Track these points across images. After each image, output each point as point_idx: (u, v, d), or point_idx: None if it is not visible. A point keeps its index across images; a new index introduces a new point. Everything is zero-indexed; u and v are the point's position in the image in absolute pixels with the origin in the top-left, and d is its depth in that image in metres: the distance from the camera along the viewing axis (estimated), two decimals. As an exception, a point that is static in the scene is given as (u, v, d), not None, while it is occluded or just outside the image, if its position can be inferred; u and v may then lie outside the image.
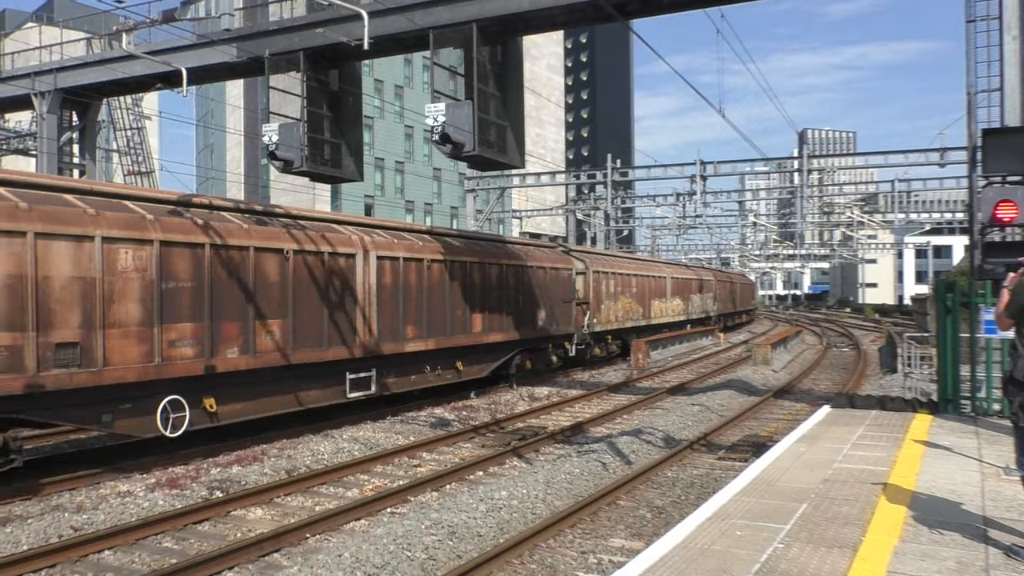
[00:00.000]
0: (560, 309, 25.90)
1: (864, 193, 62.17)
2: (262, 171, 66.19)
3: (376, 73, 58.98)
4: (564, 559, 8.71)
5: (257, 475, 12.17)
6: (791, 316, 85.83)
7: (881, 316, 74.65)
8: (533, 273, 24.23)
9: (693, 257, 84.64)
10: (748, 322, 67.18)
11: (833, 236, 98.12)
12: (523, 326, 23.36)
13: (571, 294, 26.86)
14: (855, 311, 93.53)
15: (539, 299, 24.42)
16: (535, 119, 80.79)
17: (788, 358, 32.54)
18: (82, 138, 23.06)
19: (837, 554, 6.27)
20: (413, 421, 17.32)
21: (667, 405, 19.57)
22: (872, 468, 9.26)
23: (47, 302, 11.25)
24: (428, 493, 11.55)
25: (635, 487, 11.78)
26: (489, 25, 14.95)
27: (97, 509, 10.25)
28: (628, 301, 32.77)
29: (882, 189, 49.28)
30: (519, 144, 15.89)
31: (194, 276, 13.35)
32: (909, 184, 44.98)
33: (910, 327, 43.53)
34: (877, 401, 14.65)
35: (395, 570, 8.00)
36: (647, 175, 41.03)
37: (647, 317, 35.33)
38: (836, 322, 68.68)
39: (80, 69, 21.43)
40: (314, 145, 16.27)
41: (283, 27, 17.04)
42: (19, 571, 8.16)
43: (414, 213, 63.74)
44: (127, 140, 43.24)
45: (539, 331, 24.35)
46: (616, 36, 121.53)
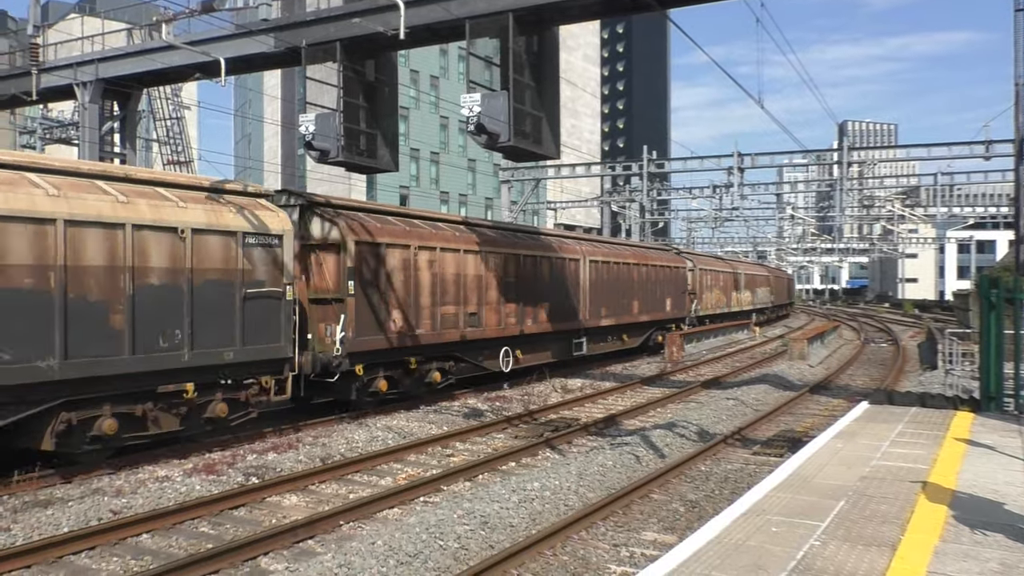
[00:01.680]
0: (677, 298, 34.24)
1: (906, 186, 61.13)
2: (299, 161, 66.77)
3: (412, 63, 59.13)
4: (596, 551, 8.67)
5: (292, 462, 12.29)
6: (828, 311, 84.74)
7: (921, 312, 73.46)
8: (662, 270, 32.60)
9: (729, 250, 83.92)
10: (784, 316, 66.48)
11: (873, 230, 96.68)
12: (658, 310, 31.91)
13: (685, 286, 35.31)
14: (894, 306, 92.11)
15: (667, 290, 32.90)
16: (570, 110, 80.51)
17: (825, 353, 32.13)
18: (123, 127, 23.36)
19: (875, 553, 6.17)
20: (446, 411, 17.37)
21: (701, 399, 19.42)
22: (912, 466, 9.10)
23: (465, 289, 19.38)
24: (461, 483, 11.57)
25: (668, 480, 11.70)
26: (525, 15, 14.87)
27: (136, 493, 10.42)
28: (718, 292, 41.60)
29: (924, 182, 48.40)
30: (554, 135, 15.81)
31: (516, 275, 21.53)
32: (952, 177, 44.13)
33: (951, 323, 42.76)
34: (917, 398, 14.41)
35: (427, 559, 8.02)
36: (683, 167, 40.72)
37: (728, 306, 43.67)
38: (874, 317, 67.70)
39: (121, 59, 21.70)
40: (350, 135, 16.32)
41: (320, 17, 17.09)
42: (60, 552, 8.32)
43: (449, 204, 63.88)
44: (167, 130, 43.82)
45: (667, 314, 32.88)
46: (653, 26, 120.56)
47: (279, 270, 14.07)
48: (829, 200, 70.36)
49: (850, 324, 55.71)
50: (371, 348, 16.44)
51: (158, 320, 12.11)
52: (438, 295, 18.45)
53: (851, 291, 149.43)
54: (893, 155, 38.80)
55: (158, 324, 12.10)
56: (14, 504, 9.93)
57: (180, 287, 12.43)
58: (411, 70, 59.22)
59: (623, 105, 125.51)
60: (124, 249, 11.64)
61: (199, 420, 13.10)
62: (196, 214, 12.80)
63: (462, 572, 7.64)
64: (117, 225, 11.58)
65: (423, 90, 60.88)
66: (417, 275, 17.87)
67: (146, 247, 11.93)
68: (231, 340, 13.18)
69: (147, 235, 11.94)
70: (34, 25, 22.89)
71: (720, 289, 41.76)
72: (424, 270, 18.09)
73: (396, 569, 7.69)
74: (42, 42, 23.01)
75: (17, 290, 10.50)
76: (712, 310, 39.75)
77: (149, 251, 12.00)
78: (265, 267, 13.84)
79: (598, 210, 68.52)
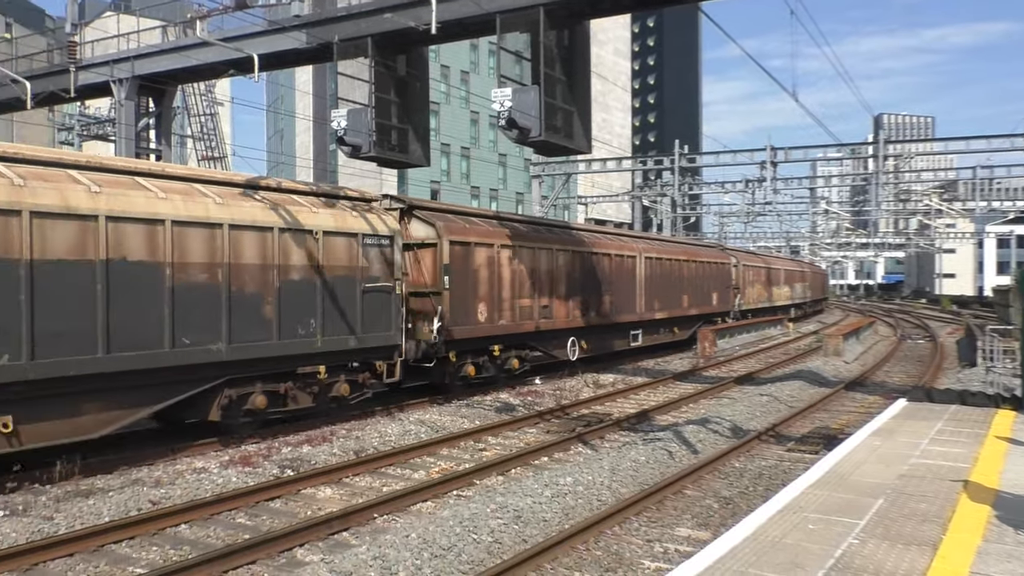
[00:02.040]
0: (723, 293, 35.81)
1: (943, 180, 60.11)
2: (330, 156, 67.19)
3: (442, 59, 59.20)
4: (630, 547, 8.64)
5: (326, 455, 12.39)
6: (863, 307, 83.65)
7: (959, 308, 72.26)
8: (710, 266, 34.18)
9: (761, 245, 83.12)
10: (818, 312, 65.76)
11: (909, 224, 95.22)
12: (706, 304, 33.42)
13: (729, 281, 36.82)
14: (931, 302, 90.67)
15: (713, 285, 34.46)
16: (601, 104, 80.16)
17: (860, 349, 31.73)
18: (158, 124, 23.66)
19: (916, 552, 6.08)
20: (478, 405, 17.40)
21: (734, 394, 19.27)
22: (952, 464, 8.96)
23: (538, 283, 20.83)
24: (493, 477, 11.59)
25: (702, 476, 11.63)
26: (556, 9, 14.80)
27: (174, 484, 10.56)
28: (760, 287, 43.16)
29: (962, 176, 47.53)
30: (585, 129, 15.73)
31: (582, 271, 23.00)
32: (992, 171, 43.31)
33: (991, 319, 42.03)
34: (956, 395, 14.18)
35: (461, 552, 8.05)
36: (715, 161, 40.38)
37: (769, 300, 45.28)
38: (911, 313, 66.71)
39: (156, 56, 21.97)
40: (381, 130, 16.37)
41: (351, 13, 17.17)
42: (101, 542, 8.46)
43: (479, 199, 63.96)
44: (201, 126, 44.32)
45: (713, 308, 34.40)
46: (684, 19, 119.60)
47: (390, 267, 16.03)
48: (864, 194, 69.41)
49: (886, 320, 54.95)
50: (462, 336, 18.06)
51: (298, 310, 14.02)
52: (516, 289, 20.08)
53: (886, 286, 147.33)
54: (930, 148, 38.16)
55: (298, 314, 14.02)
56: (57, 494, 10.11)
57: (314, 282, 14.37)
58: (442, 65, 59.30)
59: (654, 99, 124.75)
60: (273, 249, 13.55)
61: (326, 398, 14.97)
62: (326, 218, 14.76)
63: (496, 566, 7.64)
64: (267, 228, 13.51)
65: (454, 85, 60.95)
66: (499, 271, 19.45)
67: (288, 247, 13.88)
68: (353, 328, 15.13)
69: (288, 237, 13.88)
70: (72, 23, 23.24)
71: (761, 284, 43.39)
72: (505, 266, 19.65)
73: (430, 562, 7.72)
74: (79, 40, 23.34)
75: (196, 284, 12.39)
76: (754, 304, 41.28)
77: (291, 251, 13.95)
78: (379, 264, 15.81)
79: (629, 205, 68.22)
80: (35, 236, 10.38)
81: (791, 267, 54.47)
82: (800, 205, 66.63)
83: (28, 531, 8.58)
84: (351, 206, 15.67)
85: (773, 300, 46.10)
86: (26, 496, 10.00)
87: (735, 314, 37.33)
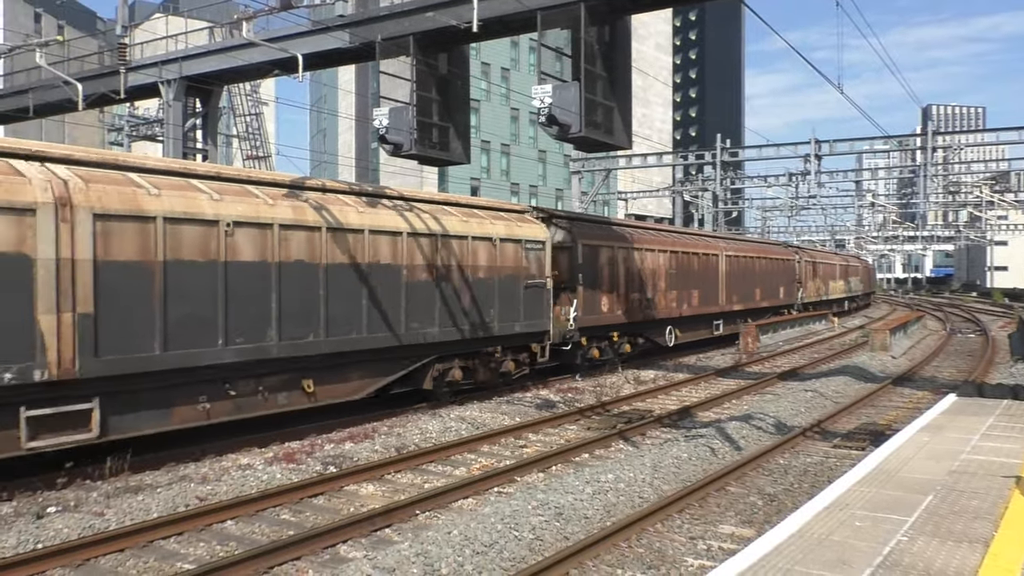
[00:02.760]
0: (788, 286, 39.83)
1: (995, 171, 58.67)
2: (372, 154, 67.69)
3: (483, 56, 59.29)
4: (673, 544, 8.59)
5: (368, 452, 12.50)
6: (911, 300, 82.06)
7: (1011, 301, 70.53)
8: (777, 262, 38.18)
9: (806, 239, 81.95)
10: (865, 306, 64.68)
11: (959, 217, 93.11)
12: (774, 297, 37.42)
13: (794, 275, 40.88)
14: (982, 295, 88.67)
15: (780, 280, 38.66)
16: (642, 99, 79.66)
17: (908, 344, 31.12)
18: (205, 124, 24.02)
19: (967, 549, 5.95)
20: (519, 402, 17.42)
21: (778, 390, 19.04)
22: (1004, 460, 8.75)
23: (645, 280, 24.39)
24: (534, 474, 11.59)
25: (745, 473, 11.51)
26: (597, 5, 14.72)
27: (220, 480, 10.74)
28: (819, 281, 46.59)
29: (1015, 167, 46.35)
30: (626, 125, 15.62)
31: (677, 268, 26.58)
32: (1045, 161, 42.13)
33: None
34: (1009, 390, 13.84)
35: (503, 549, 8.06)
36: (758, 155, 39.86)
37: (827, 293, 48.68)
38: (960, 307, 65.28)
39: (203, 57, 22.31)
40: (423, 128, 16.44)
41: (394, 12, 17.25)
42: (150, 537, 8.63)
43: (519, 195, 63.97)
44: (246, 125, 44.92)
45: (780, 301, 38.41)
46: (726, 13, 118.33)
47: (542, 267, 19.63)
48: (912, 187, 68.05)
49: (935, 314, 53.85)
50: (591, 324, 21.62)
51: (483, 302, 17.66)
52: (629, 285, 23.62)
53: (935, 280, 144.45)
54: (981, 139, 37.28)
55: (484, 305, 17.70)
56: (107, 490, 10.33)
57: (493, 279, 17.98)
58: (482, 63, 59.38)
59: (695, 93, 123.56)
60: (466, 254, 17.21)
61: (498, 373, 18.51)
62: (500, 227, 18.35)
63: (538, 563, 7.65)
64: (463, 237, 17.20)
65: (494, 82, 61.00)
66: (617, 269, 22.94)
67: (477, 252, 17.57)
68: (518, 317, 18.73)
69: (478, 243, 17.61)
70: (122, 26, 23.66)
71: (820, 278, 46.93)
72: (620, 265, 23.10)
73: (472, 559, 7.75)
74: (129, 42, 23.79)
75: (419, 282, 15.88)
76: (814, 297, 45.03)
77: (479, 254, 17.62)
78: (535, 265, 19.41)
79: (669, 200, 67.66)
80: (329, 248, 13.92)
81: (843, 262, 57.43)
82: (845, 198, 65.58)
83: (80, 527, 8.78)
84: (514, 217, 19.37)
85: (829, 294, 49.45)
86: (77, 492, 10.24)
87: (798, 306, 41.12)
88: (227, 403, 12.46)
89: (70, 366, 10.25)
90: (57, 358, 10.11)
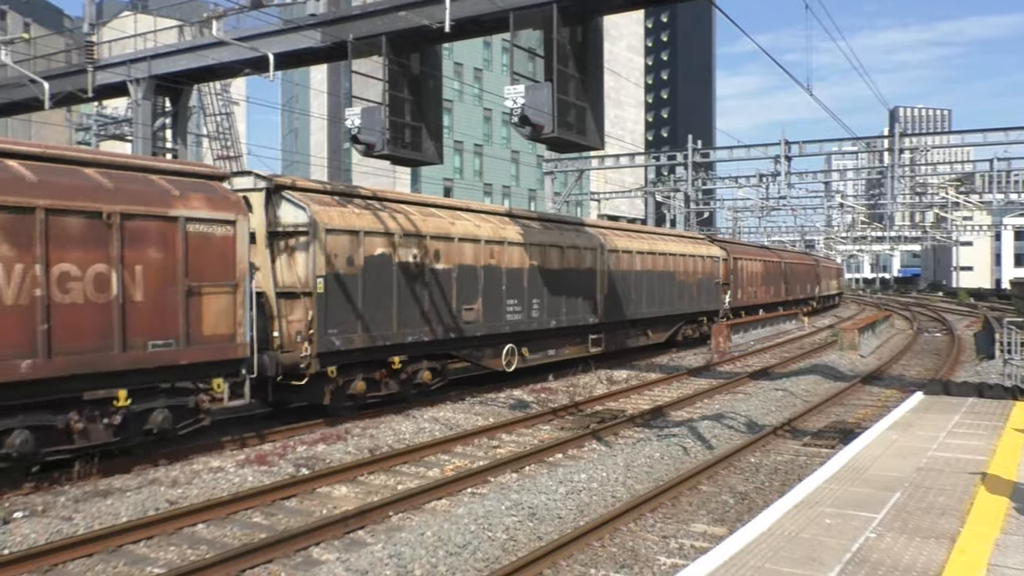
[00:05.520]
0: (811, 283, 54.11)
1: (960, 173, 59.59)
2: (344, 155, 67.35)
3: (455, 56, 59.20)
4: (645, 543, 8.64)
5: (341, 453, 12.43)
6: (879, 300, 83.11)
7: (977, 300, 71.64)
8: (801, 267, 51.10)
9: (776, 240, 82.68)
10: (834, 306, 65.44)
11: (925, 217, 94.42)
12: (803, 293, 50.48)
13: (815, 276, 54.82)
14: (948, 295, 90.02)
15: (805, 280, 52.08)
16: (614, 100, 79.94)
17: (876, 343, 31.54)
18: (174, 123, 23.73)
19: (934, 545, 6.05)
20: (492, 403, 17.42)
21: (749, 390, 19.20)
22: (970, 457, 8.90)
23: (758, 278, 40.86)
24: (508, 474, 11.60)
25: (717, 472, 11.60)
26: (569, 5, 14.77)
27: (191, 484, 10.62)
28: (828, 280, 63.88)
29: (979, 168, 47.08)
30: (598, 125, 15.69)
31: (763, 271, 40.87)
32: (1009, 163, 42.83)
33: (1008, 312, 41.65)
34: (974, 388, 14.07)
35: (476, 549, 8.06)
36: (729, 156, 40.11)
37: (828, 289, 63.62)
38: (928, 306, 66.24)
39: (172, 56, 22.04)
40: (395, 128, 16.40)
41: (366, 11, 17.18)
42: (120, 542, 8.52)
43: (492, 196, 63.93)
44: (216, 125, 44.47)
45: (804, 296, 50.90)
46: (698, 15, 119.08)
47: (718, 272, 32.32)
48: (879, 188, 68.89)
49: (902, 313, 54.59)
50: (736, 307, 35.20)
51: (701, 292, 30.37)
52: (753, 281, 38.48)
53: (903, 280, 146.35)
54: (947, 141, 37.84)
55: (693, 295, 29.58)
56: (75, 494, 10.17)
57: (698, 281, 30.32)
58: (455, 63, 59.29)
59: (667, 94, 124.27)
60: (692, 266, 29.33)
61: (675, 341, 29.17)
62: (701, 248, 31.39)
63: (511, 563, 7.66)
64: (671, 254, 27.81)
65: (467, 82, 60.92)
66: (748, 272, 37.68)
67: (697, 265, 29.90)
68: (701, 302, 30.56)
69: (695, 259, 29.77)
70: (89, 23, 23.33)
71: (827, 278, 63.70)
72: (746, 269, 37.08)
73: (446, 560, 7.74)
74: (96, 40, 23.46)
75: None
76: (825, 292, 61.18)
77: (697, 267, 30.24)
78: (715, 271, 32.09)
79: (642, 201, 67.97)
80: (574, 259, 21.85)
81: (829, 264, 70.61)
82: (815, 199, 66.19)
83: (48, 532, 8.64)
84: (689, 235, 31.34)
85: (829, 290, 64.49)
86: (45, 497, 10.07)
87: (817, 299, 54.77)
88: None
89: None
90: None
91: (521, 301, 19.50)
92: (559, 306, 21.00)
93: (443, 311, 16.96)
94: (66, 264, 10.33)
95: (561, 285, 21.06)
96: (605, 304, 23.18)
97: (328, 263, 14.23)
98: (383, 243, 15.50)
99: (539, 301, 20.17)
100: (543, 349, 20.80)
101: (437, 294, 16.82)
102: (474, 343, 18.16)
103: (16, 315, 9.81)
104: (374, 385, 15.58)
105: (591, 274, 22.57)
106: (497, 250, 18.74)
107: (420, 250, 16.38)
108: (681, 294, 28.81)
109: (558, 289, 20.92)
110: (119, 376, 10.99)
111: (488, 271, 18.39)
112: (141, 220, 11.17)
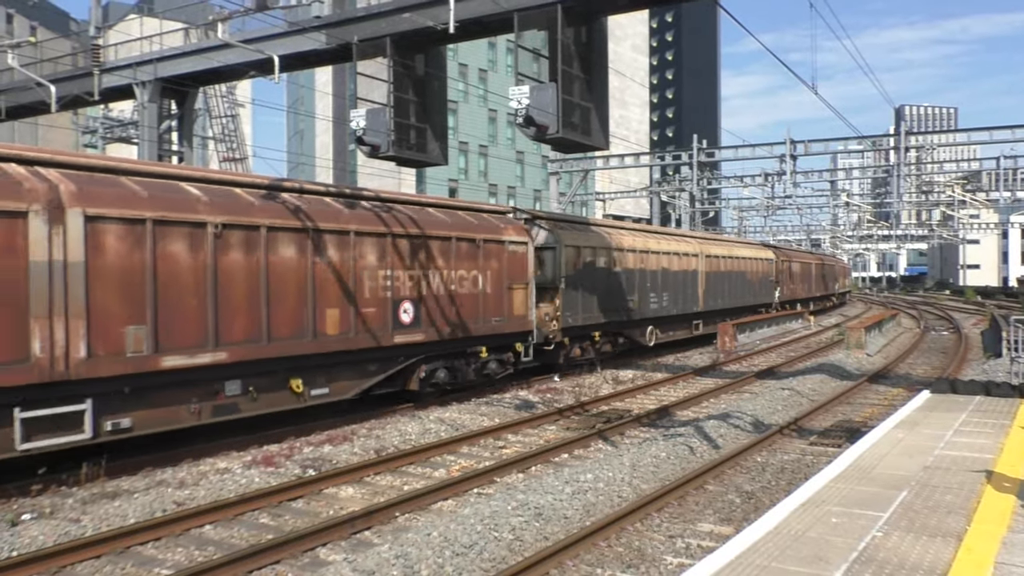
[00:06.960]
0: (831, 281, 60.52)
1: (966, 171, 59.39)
2: (350, 156, 67.43)
3: (460, 57, 59.25)
4: (652, 543, 8.64)
5: (347, 454, 12.46)
6: (886, 299, 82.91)
7: (984, 299, 71.43)
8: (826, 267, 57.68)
9: (781, 239, 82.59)
10: (840, 305, 65.33)
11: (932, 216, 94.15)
12: (827, 289, 57.72)
13: (834, 275, 60.60)
14: (955, 293, 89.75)
15: (828, 278, 58.80)
16: (619, 100, 79.90)
17: (883, 342, 31.46)
18: (180, 126, 23.82)
19: (940, 543, 6.04)
20: (498, 403, 17.43)
21: (755, 389, 19.18)
22: (977, 455, 8.88)
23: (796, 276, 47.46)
24: (514, 474, 11.61)
25: (723, 472, 11.60)
26: (574, 6, 14.76)
27: (198, 485, 10.66)
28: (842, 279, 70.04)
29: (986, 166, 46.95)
30: (603, 126, 15.69)
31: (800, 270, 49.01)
32: (1016, 161, 42.70)
33: (1016, 310, 41.52)
34: (981, 387, 14.02)
35: (483, 550, 8.07)
36: (734, 155, 40.13)
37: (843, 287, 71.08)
38: (934, 305, 66.05)
39: (178, 59, 22.12)
40: (400, 130, 16.40)
41: (371, 13, 17.20)
42: (127, 543, 8.56)
43: (497, 196, 63.95)
44: (222, 127, 44.61)
45: (827, 292, 58.05)
46: (702, 14, 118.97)
47: (772, 271, 38.25)
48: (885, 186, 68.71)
49: (909, 312, 54.45)
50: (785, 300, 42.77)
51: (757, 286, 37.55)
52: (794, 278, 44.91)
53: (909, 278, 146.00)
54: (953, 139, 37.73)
55: (754, 289, 36.94)
56: (83, 496, 10.22)
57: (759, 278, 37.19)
58: (460, 64, 59.34)
59: (672, 94, 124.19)
60: (754, 267, 35.44)
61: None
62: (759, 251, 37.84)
63: (518, 563, 7.67)
64: (743, 258, 34.27)
65: (472, 83, 60.97)
66: (793, 271, 44.15)
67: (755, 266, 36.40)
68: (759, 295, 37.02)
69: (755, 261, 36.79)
70: (96, 27, 23.40)
71: (841, 276, 70.31)
72: (787, 269, 42.30)
73: (452, 560, 7.75)
74: (103, 43, 23.54)
75: (733, 280, 33.10)
76: (843, 288, 69.20)
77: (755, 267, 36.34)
78: (768, 270, 38.33)
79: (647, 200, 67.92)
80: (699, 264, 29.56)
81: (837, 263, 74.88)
82: (820, 198, 66.07)
83: (56, 533, 8.69)
84: (750, 242, 36.39)
85: (845, 287, 71.67)
86: (53, 499, 10.12)
87: (837, 296, 63.46)
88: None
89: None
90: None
91: (658, 295, 26.69)
92: (676, 299, 28.20)
93: (619, 301, 24.06)
94: (462, 270, 17.40)
95: (676, 284, 28.24)
96: (704, 298, 30.85)
97: (565, 268, 21.11)
98: (590, 253, 22.52)
99: (668, 295, 27.42)
100: (668, 331, 27.93)
101: (616, 289, 23.85)
102: (631, 325, 25.08)
103: (436, 303, 16.60)
104: (584, 352, 22.66)
105: (695, 274, 30.04)
106: (643, 257, 25.66)
107: (608, 258, 23.39)
108: (750, 289, 37.38)
109: (675, 287, 28.12)
110: (481, 339, 17.95)
111: (640, 273, 25.47)
112: (490, 243, 18.21)
